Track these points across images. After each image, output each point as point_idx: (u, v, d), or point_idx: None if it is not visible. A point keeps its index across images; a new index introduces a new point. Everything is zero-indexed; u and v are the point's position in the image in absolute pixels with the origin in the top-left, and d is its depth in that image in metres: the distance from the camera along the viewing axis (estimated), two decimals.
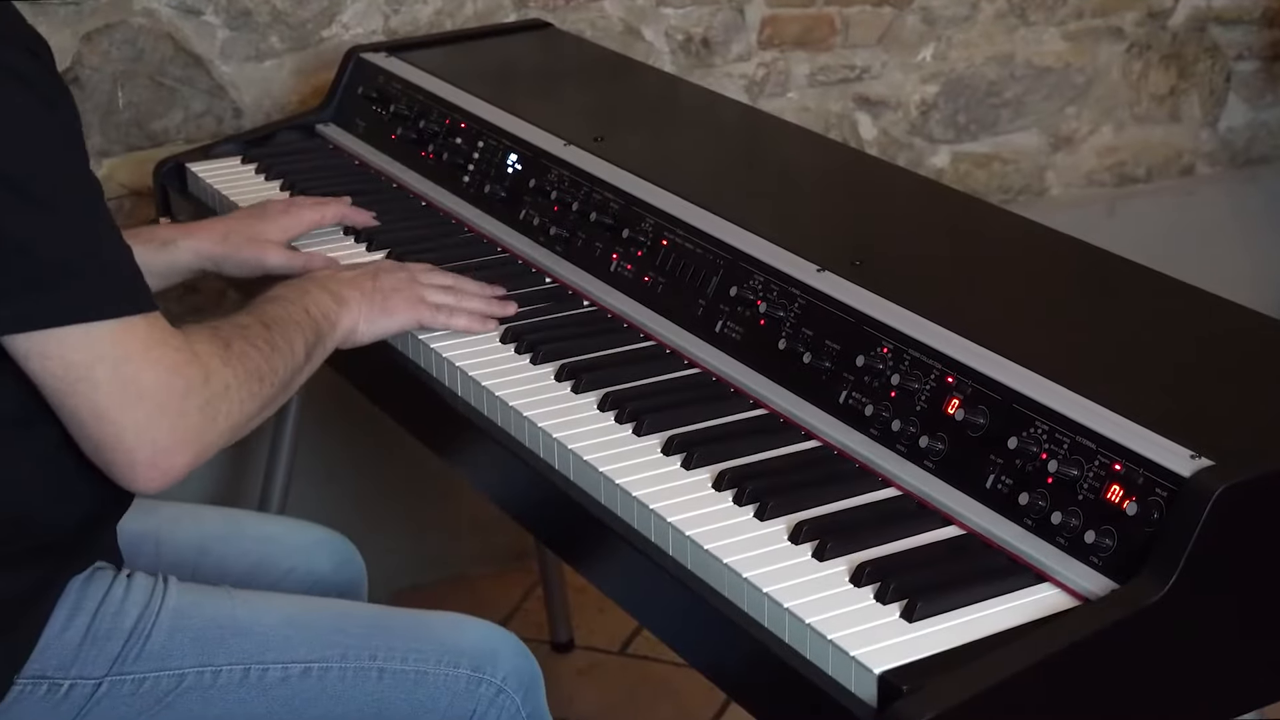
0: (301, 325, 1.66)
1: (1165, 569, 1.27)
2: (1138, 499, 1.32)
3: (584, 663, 2.79)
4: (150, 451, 1.45)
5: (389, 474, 2.88)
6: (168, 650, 1.56)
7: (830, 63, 3.05)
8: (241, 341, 1.56)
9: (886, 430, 1.53)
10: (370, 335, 1.77)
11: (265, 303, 1.68)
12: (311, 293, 1.72)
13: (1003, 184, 3.26)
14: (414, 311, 1.79)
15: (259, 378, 1.55)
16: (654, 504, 1.49)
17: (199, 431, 1.47)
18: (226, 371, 1.51)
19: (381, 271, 1.81)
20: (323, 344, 1.70)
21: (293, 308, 1.67)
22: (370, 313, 1.76)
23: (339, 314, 1.72)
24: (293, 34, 2.65)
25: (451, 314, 1.81)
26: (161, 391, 1.44)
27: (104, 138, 2.56)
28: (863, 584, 1.36)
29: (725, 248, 1.78)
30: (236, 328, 1.59)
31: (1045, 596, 1.35)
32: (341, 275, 1.79)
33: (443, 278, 1.85)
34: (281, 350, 1.60)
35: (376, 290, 1.77)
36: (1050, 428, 1.40)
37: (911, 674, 1.25)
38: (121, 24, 2.54)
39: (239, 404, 1.52)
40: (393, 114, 2.32)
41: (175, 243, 1.91)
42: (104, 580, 1.58)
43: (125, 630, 1.55)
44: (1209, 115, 3.40)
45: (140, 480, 1.47)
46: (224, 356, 1.52)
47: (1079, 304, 1.71)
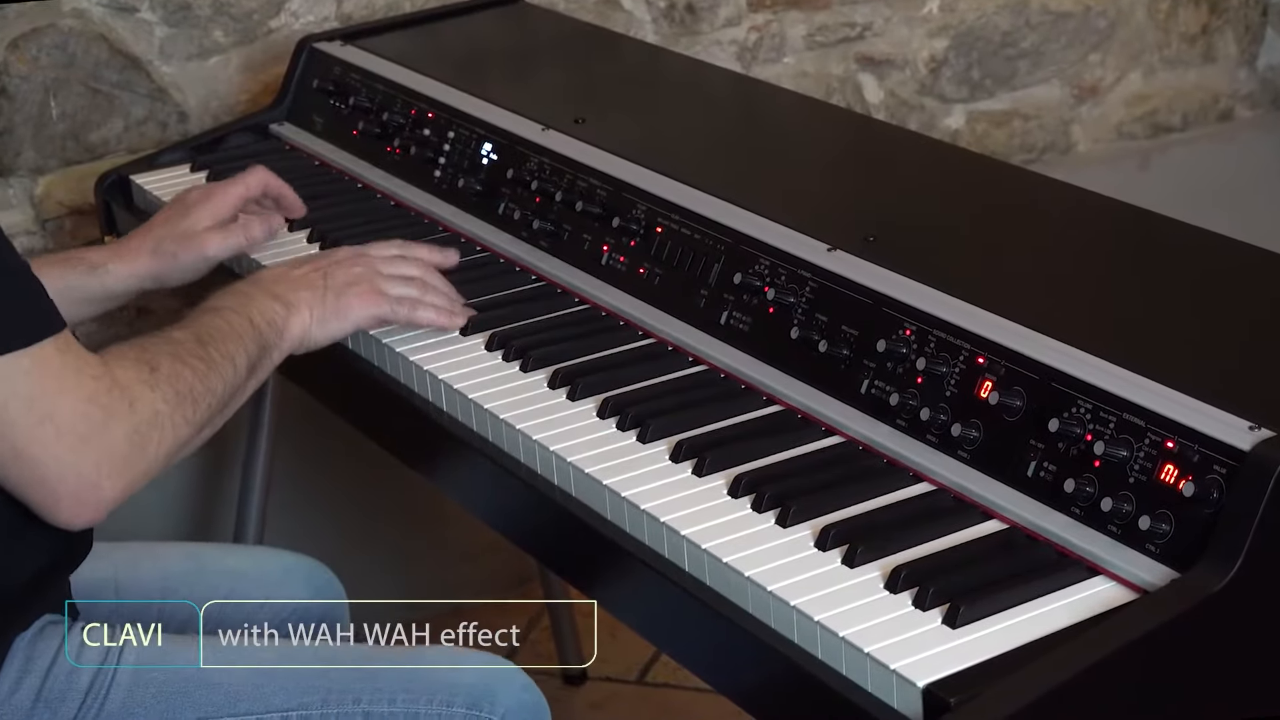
0: (243, 337, 1.66)
1: (1229, 553, 1.27)
2: (1194, 478, 1.32)
3: (598, 695, 2.79)
4: (74, 485, 1.46)
5: (374, 499, 2.88)
6: (128, 709, 1.56)
7: (828, 21, 3.05)
8: (172, 362, 1.56)
9: (915, 420, 1.53)
10: (325, 338, 1.77)
11: (203, 314, 1.68)
12: (256, 299, 1.72)
13: (1025, 143, 3.27)
14: (371, 307, 1.78)
15: (192, 400, 1.56)
16: (665, 516, 1.49)
17: (126, 461, 1.48)
18: (154, 396, 1.52)
19: (335, 265, 1.80)
20: (268, 355, 1.70)
21: (234, 317, 1.67)
22: (323, 313, 1.75)
23: (287, 320, 1.72)
24: (237, 27, 2.66)
25: (414, 307, 1.80)
26: (80, 423, 1.45)
27: (38, 153, 2.56)
28: (899, 590, 1.36)
29: (726, 231, 1.78)
30: (167, 345, 1.59)
31: (1100, 591, 1.35)
32: (290, 275, 1.78)
33: (406, 266, 1.84)
34: (219, 367, 1.61)
35: (329, 289, 1.77)
36: (1094, 406, 1.41)
37: (959, 685, 1.25)
38: (50, 27, 2.54)
39: (171, 429, 1.53)
40: (353, 107, 2.32)
41: (106, 267, 1.90)
42: (54, 636, 1.58)
43: (80, 690, 1.55)
44: (1246, 53, 3.40)
45: (65, 516, 1.48)
46: (151, 381, 1.52)
47: (1116, 269, 1.71)
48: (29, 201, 2.58)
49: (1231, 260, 1.67)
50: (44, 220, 2.60)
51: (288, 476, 2.61)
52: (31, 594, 1.56)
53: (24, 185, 2.57)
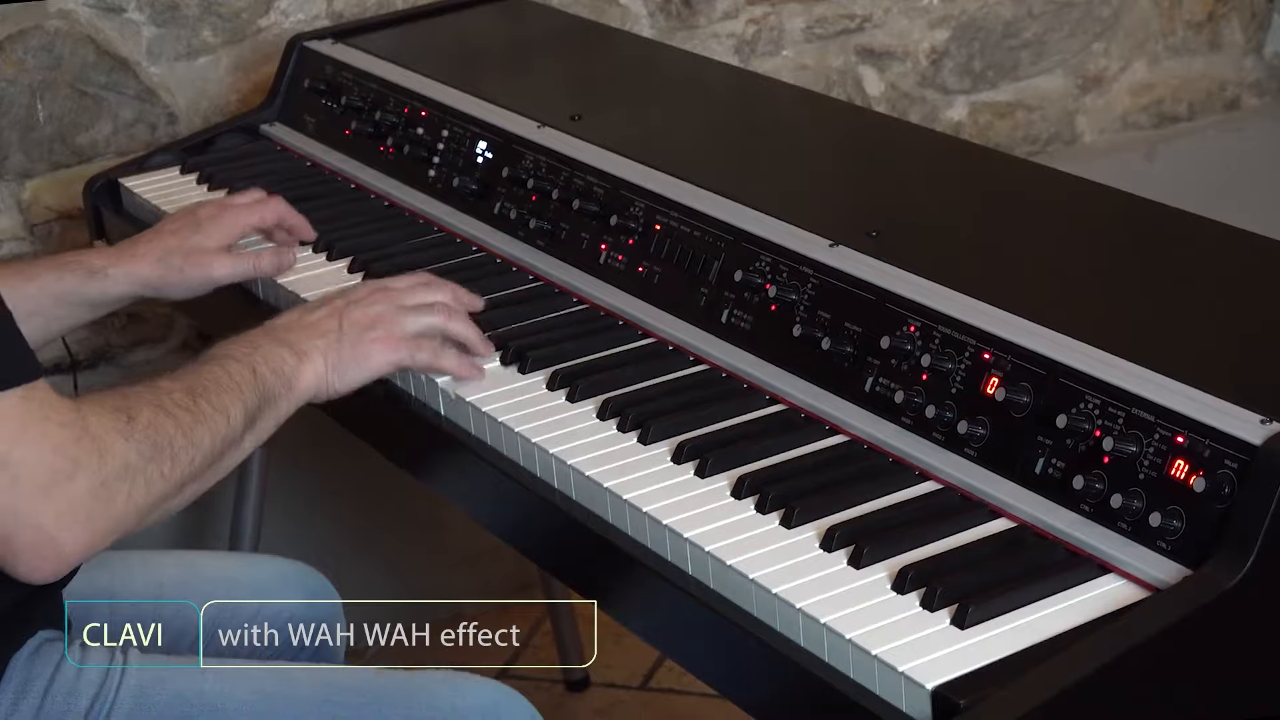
0: (241, 388, 1.60)
1: (1242, 549, 1.27)
2: (1205, 473, 1.32)
3: (602, 701, 2.79)
4: (32, 538, 1.41)
5: (371, 505, 2.88)
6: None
7: (827, 13, 3.05)
8: (153, 412, 1.50)
9: (920, 418, 1.53)
10: (346, 387, 1.70)
11: (204, 363, 1.62)
12: (263, 348, 1.65)
13: (1028, 134, 3.27)
14: (392, 354, 1.72)
15: (170, 454, 1.50)
16: (668, 519, 1.49)
17: (89, 515, 1.43)
18: (127, 447, 1.46)
19: (353, 305, 1.73)
20: (274, 407, 1.64)
21: (235, 367, 1.61)
22: (340, 362, 1.69)
23: (297, 370, 1.66)
24: (227, 26, 2.66)
25: (437, 354, 1.74)
26: (42, 473, 1.40)
27: (25, 157, 2.56)
28: (906, 590, 1.36)
29: (726, 228, 1.78)
30: (150, 394, 1.53)
31: (1111, 589, 1.35)
32: (304, 321, 1.71)
33: (429, 293, 1.78)
34: (208, 420, 1.55)
35: (345, 334, 1.70)
36: (1102, 401, 1.41)
37: (969, 686, 1.25)
38: (35, 29, 2.54)
39: (144, 484, 1.47)
40: (345, 107, 2.32)
41: (106, 271, 1.89)
42: (52, 654, 1.57)
43: (80, 712, 1.54)
44: (1252, 40, 3.40)
45: (24, 569, 1.43)
46: (125, 431, 1.47)
47: (1123, 262, 1.71)
48: (16, 207, 2.58)
49: (1240, 251, 1.67)
50: (32, 226, 2.60)
51: (283, 483, 2.61)
52: (25, 609, 1.55)
53: (11, 190, 2.57)
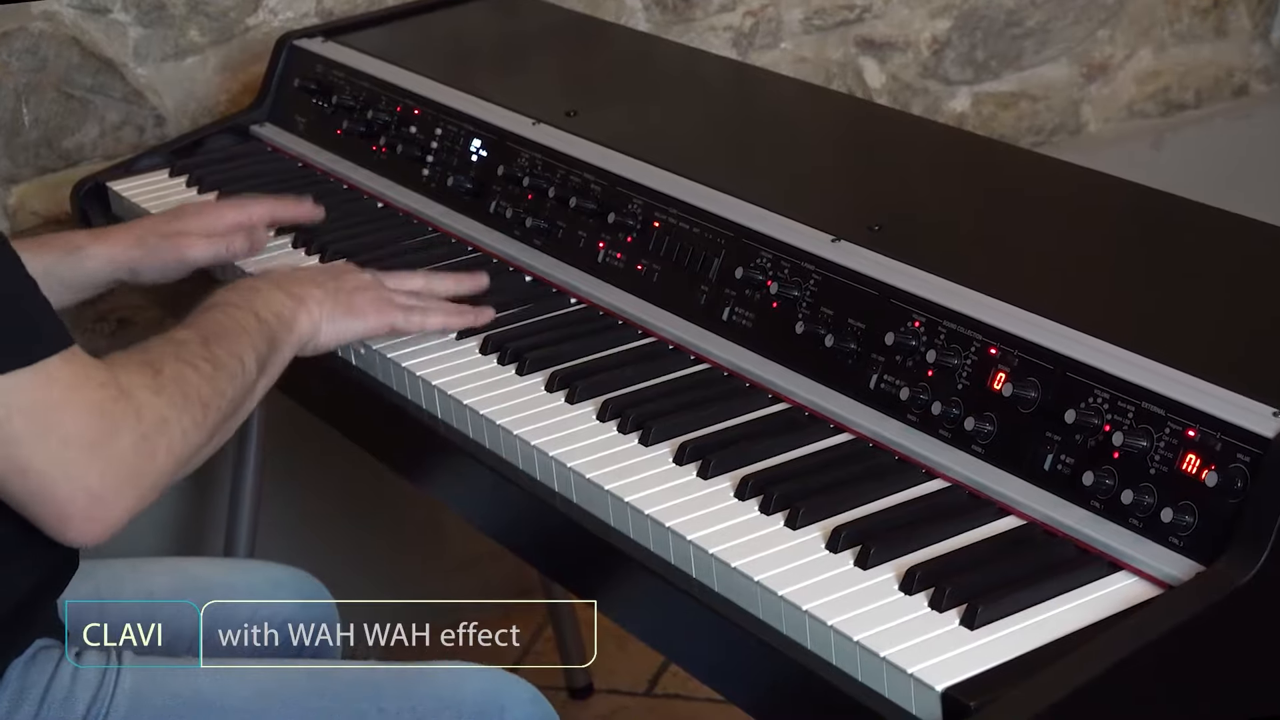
0: (250, 333, 1.64)
1: (1255, 543, 1.27)
2: (1217, 467, 1.32)
3: (606, 708, 2.79)
4: (85, 501, 1.45)
5: (367, 511, 2.88)
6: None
7: (826, 4, 3.05)
8: (176, 364, 1.54)
9: (926, 415, 1.53)
10: (335, 339, 1.76)
11: (207, 310, 1.66)
12: (262, 291, 1.70)
13: (1033, 125, 3.27)
14: (383, 315, 1.78)
15: (201, 404, 1.54)
16: (670, 521, 1.49)
17: (136, 472, 1.47)
18: (159, 402, 1.49)
19: (344, 271, 1.81)
20: (279, 351, 1.68)
21: (239, 313, 1.66)
22: (333, 311, 1.74)
23: (295, 313, 1.71)
24: (214, 25, 2.66)
25: (425, 313, 1.80)
26: (89, 434, 1.44)
27: (11, 161, 2.56)
28: (914, 591, 1.36)
29: (726, 224, 1.78)
30: (170, 346, 1.57)
31: (1123, 587, 1.35)
32: (298, 272, 1.77)
33: (411, 280, 1.85)
34: (227, 367, 1.59)
35: (339, 289, 1.76)
36: (1111, 395, 1.41)
37: (979, 688, 1.25)
38: (19, 31, 2.54)
39: (180, 436, 1.51)
40: (336, 106, 2.32)
41: (85, 249, 1.91)
42: (49, 662, 1.58)
43: (77, 716, 1.55)
44: (1260, 26, 3.40)
45: (75, 532, 1.46)
46: (154, 385, 1.50)
47: (1131, 253, 1.71)
48: (2, 212, 2.58)
49: (1249, 240, 1.67)
50: (19, 231, 2.59)
51: (278, 489, 2.61)
52: (24, 615, 1.56)
53: None
